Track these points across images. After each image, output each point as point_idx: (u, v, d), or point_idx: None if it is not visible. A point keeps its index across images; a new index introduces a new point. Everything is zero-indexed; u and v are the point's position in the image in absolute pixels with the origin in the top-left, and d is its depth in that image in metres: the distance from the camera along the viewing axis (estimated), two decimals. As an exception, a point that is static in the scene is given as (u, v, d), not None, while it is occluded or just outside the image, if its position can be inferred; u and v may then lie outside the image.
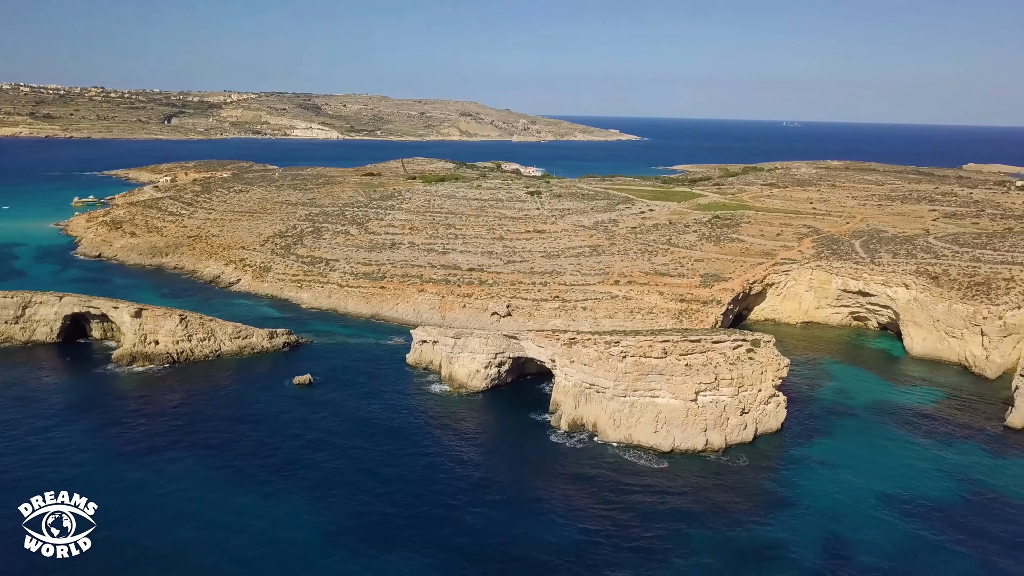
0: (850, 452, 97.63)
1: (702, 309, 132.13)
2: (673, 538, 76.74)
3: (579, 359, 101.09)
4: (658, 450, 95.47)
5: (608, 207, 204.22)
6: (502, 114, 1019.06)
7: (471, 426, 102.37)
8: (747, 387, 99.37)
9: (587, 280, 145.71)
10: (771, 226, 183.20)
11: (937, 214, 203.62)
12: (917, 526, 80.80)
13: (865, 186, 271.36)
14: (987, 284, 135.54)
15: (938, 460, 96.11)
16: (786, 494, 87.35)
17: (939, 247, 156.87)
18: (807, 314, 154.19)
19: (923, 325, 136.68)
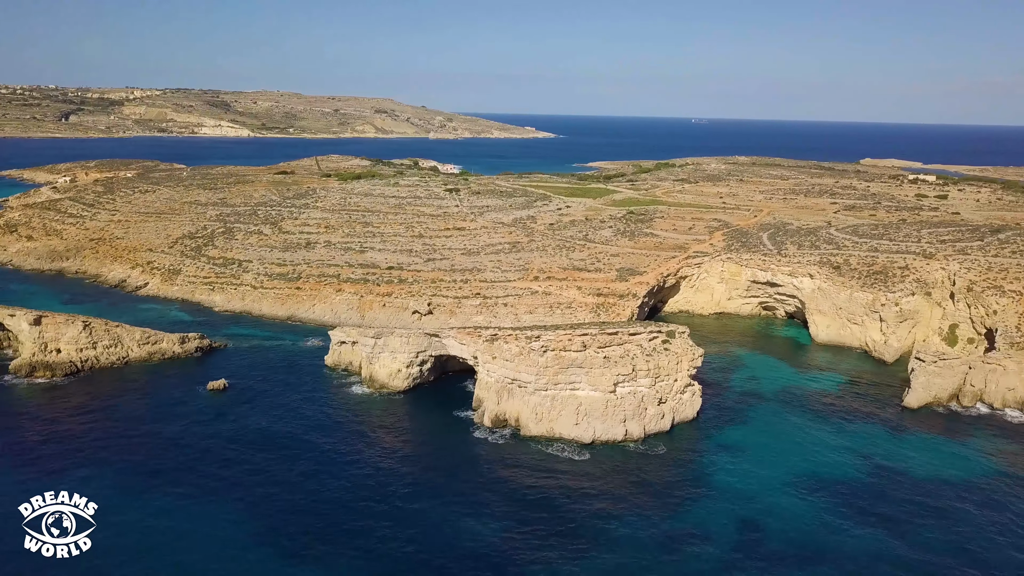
0: (762, 437, 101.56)
1: (619, 303, 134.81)
2: (595, 527, 78.23)
3: (501, 355, 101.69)
4: (579, 442, 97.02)
5: (526, 204, 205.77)
6: (418, 111, 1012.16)
7: (394, 426, 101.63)
8: (664, 377, 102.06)
9: (507, 276, 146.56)
10: (683, 221, 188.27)
11: (838, 207, 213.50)
12: (825, 505, 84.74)
13: (771, 180, 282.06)
14: (884, 273, 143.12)
15: (843, 441, 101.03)
16: (702, 480, 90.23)
17: (840, 238, 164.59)
18: (719, 305, 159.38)
19: (827, 313, 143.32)
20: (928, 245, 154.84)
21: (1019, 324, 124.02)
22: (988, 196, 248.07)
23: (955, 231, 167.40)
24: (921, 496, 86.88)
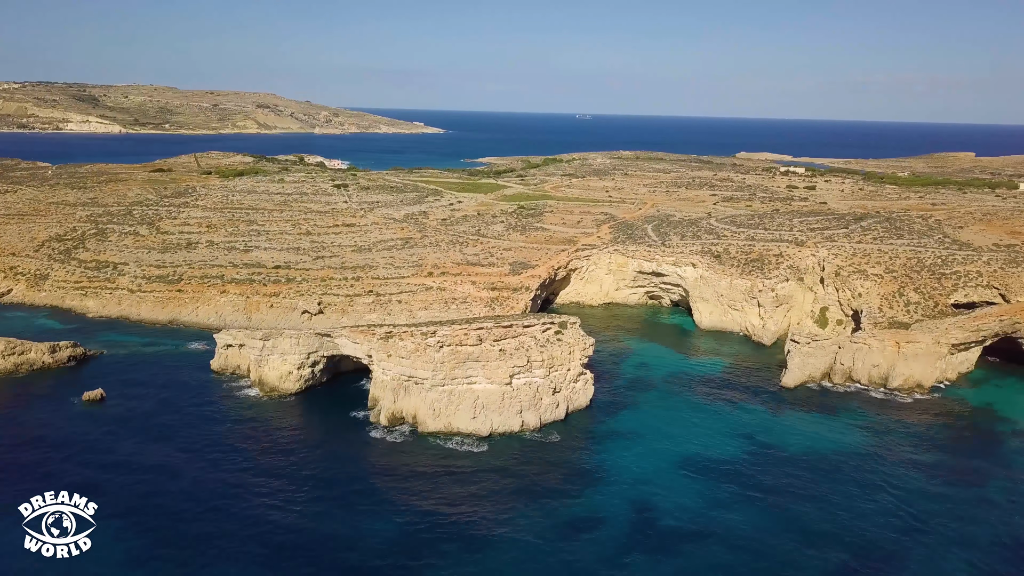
0: (652, 421, 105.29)
1: (512, 296, 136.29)
2: (496, 518, 79.03)
3: (396, 352, 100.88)
4: (478, 435, 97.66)
5: (417, 199, 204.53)
6: (303, 106, 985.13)
7: (287, 429, 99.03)
8: (557, 367, 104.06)
9: (401, 273, 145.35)
10: (572, 215, 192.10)
11: (717, 198, 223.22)
12: (713, 484, 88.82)
13: (654, 174, 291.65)
14: (761, 260, 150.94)
15: (727, 421, 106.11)
16: (597, 466, 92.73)
17: (720, 228, 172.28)
18: (608, 295, 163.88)
19: (709, 300, 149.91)
20: (799, 233, 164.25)
21: (881, 305, 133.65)
22: (851, 187, 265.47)
23: (823, 220, 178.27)
24: (799, 470, 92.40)
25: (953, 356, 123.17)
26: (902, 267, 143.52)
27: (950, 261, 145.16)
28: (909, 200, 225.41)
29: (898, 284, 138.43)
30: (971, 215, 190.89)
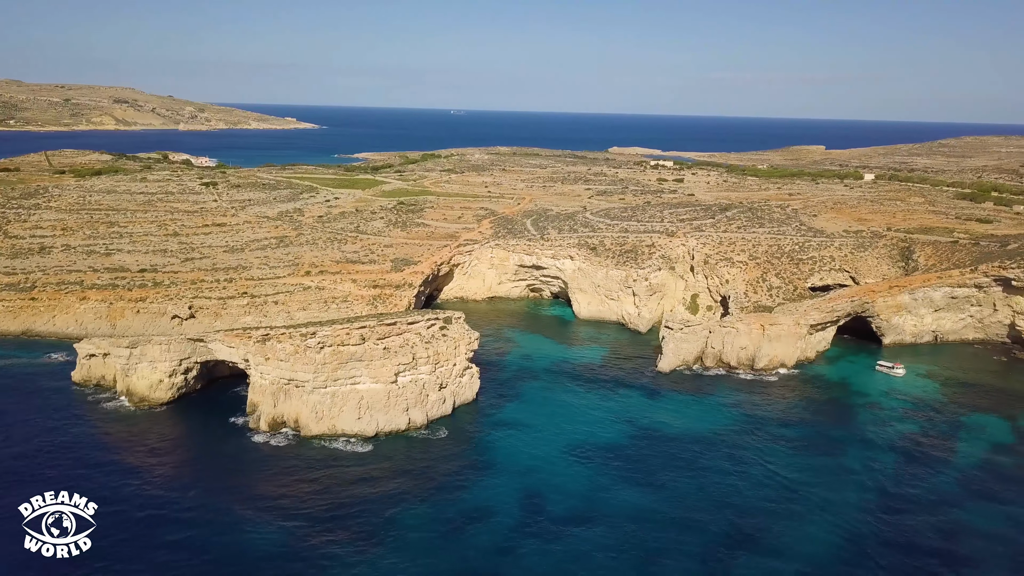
0: (537, 411, 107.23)
1: (395, 293, 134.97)
2: (385, 517, 78.29)
3: (275, 355, 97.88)
4: (363, 436, 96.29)
5: (292, 196, 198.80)
6: (165, 101, 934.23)
7: (161, 441, 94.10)
8: (443, 363, 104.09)
9: (276, 273, 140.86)
10: (453, 210, 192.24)
11: (591, 192, 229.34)
12: (597, 469, 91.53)
13: (531, 169, 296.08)
14: (634, 251, 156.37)
15: (609, 407, 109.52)
16: (485, 457, 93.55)
17: (595, 221, 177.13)
18: (491, 290, 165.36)
19: (587, 291, 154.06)
20: (670, 224, 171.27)
21: (747, 291, 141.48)
22: (716, 179, 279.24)
23: (691, 211, 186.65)
24: (678, 450, 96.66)
25: (812, 336, 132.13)
26: (764, 254, 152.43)
27: (806, 247, 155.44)
28: (769, 191, 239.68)
29: (761, 270, 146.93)
30: (823, 204, 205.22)
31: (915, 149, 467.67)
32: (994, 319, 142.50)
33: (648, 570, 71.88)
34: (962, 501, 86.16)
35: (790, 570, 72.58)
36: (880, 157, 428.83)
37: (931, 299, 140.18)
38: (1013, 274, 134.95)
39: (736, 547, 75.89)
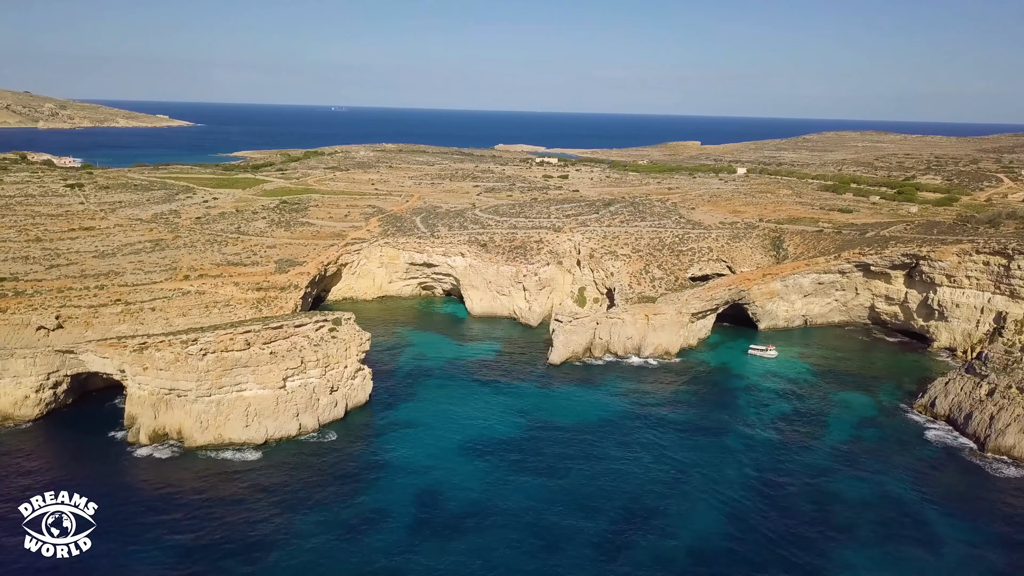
0: (432, 409, 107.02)
1: (281, 295, 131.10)
2: (278, 527, 76.19)
3: (154, 365, 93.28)
4: (252, 443, 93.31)
5: (167, 197, 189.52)
6: (21, 97, 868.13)
7: (33, 459, 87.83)
8: (334, 366, 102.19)
9: (152, 278, 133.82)
10: (339, 208, 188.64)
11: (480, 189, 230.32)
12: (494, 462, 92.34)
13: (419, 166, 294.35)
14: (524, 247, 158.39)
15: (503, 402, 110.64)
16: (380, 459, 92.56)
17: (484, 218, 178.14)
18: (381, 289, 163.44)
19: (479, 287, 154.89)
20: (557, 220, 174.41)
21: (631, 283, 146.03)
22: (599, 175, 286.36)
23: (577, 206, 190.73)
24: (570, 439, 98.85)
25: (693, 324, 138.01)
26: (647, 247, 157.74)
27: (686, 239, 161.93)
28: (649, 186, 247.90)
29: (644, 262, 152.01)
30: (700, 197, 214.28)
31: (782, 144, 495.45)
32: (856, 302, 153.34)
33: (548, 557, 73.25)
34: (833, 473, 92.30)
35: (682, 546, 75.77)
36: (751, 152, 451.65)
37: (800, 285, 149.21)
38: (871, 260, 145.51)
39: (631, 529, 78.48)
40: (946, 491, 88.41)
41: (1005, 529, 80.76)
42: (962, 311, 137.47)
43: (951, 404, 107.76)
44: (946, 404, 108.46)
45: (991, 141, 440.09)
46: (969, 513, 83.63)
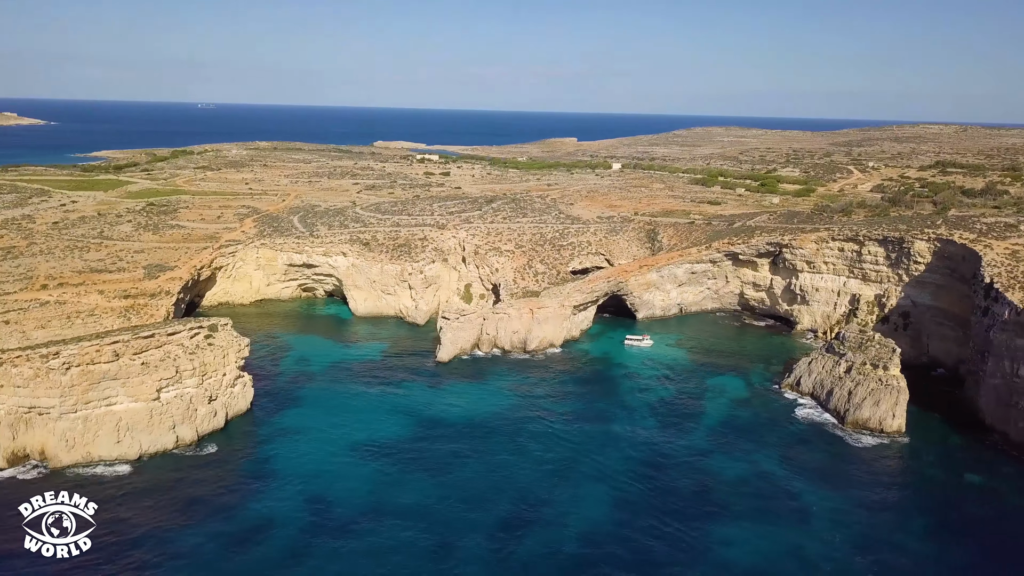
0: (317, 414, 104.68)
1: (151, 302, 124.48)
2: (158, 546, 72.59)
3: (10, 381, 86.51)
4: (125, 459, 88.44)
5: (18, 201, 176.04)
6: None
7: None
8: (211, 374, 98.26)
9: (5, 289, 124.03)
10: (211, 209, 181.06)
11: (360, 187, 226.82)
12: (383, 464, 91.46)
13: (295, 165, 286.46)
14: (408, 245, 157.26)
15: (391, 402, 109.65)
16: (263, 469, 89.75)
17: (366, 216, 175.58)
18: (259, 292, 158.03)
19: (363, 287, 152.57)
20: (440, 217, 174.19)
21: (515, 278, 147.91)
22: (480, 172, 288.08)
23: (460, 203, 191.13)
24: (460, 436, 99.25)
25: (576, 316, 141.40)
26: (529, 242, 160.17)
27: (566, 234, 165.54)
28: (529, 182, 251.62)
29: (527, 257, 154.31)
30: (579, 193, 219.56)
31: (654, 140, 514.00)
32: (727, 290, 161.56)
33: (442, 554, 73.37)
34: (711, 452, 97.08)
35: (572, 532, 77.73)
36: (625, 147, 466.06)
37: (675, 275, 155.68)
38: (739, 249, 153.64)
39: (523, 520, 79.76)
40: (812, 463, 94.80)
41: (865, 493, 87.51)
42: (821, 295, 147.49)
43: (814, 382, 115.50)
44: (810, 382, 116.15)
45: (842, 135, 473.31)
46: (833, 482, 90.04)
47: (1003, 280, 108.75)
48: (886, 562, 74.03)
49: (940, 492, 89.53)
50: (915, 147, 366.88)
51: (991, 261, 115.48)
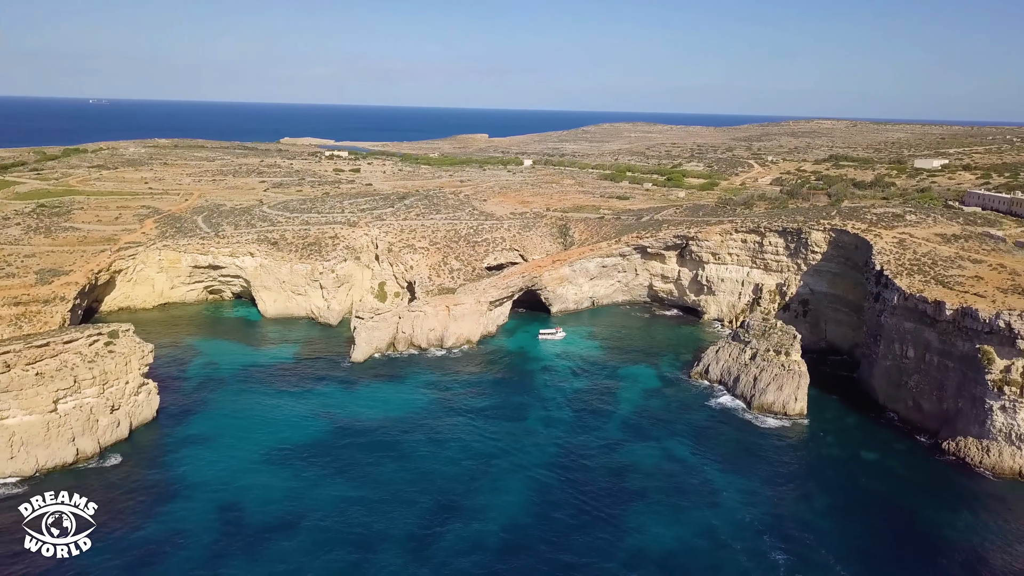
0: (227, 420, 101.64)
1: (44, 310, 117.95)
2: (53, 571, 68.83)
3: None
4: (20, 475, 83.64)
5: None
6: None
7: None
8: (113, 382, 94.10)
9: None
10: (108, 210, 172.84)
11: (267, 185, 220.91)
12: (299, 469, 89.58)
13: (197, 163, 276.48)
14: (318, 243, 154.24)
15: (305, 406, 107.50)
16: (172, 479, 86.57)
17: (273, 215, 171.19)
18: (163, 296, 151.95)
19: (272, 288, 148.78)
20: (351, 215, 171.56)
21: (431, 275, 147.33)
22: (392, 168, 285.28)
23: (371, 200, 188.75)
24: (377, 437, 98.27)
25: (492, 312, 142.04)
26: (443, 239, 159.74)
27: (480, 230, 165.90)
28: (442, 178, 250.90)
29: (442, 254, 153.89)
30: (492, 189, 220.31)
31: (564, 136, 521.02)
32: (637, 282, 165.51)
33: (362, 558, 72.54)
34: (625, 442, 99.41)
35: (493, 529, 78.18)
36: (535, 144, 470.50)
37: (587, 269, 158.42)
38: (648, 242, 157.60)
39: (443, 519, 79.67)
40: (722, 448, 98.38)
41: (771, 474, 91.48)
42: (726, 285, 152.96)
43: (722, 369, 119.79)
44: (718, 370, 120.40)
45: (743, 131, 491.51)
46: (741, 465, 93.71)
47: (892, 267, 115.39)
48: (792, 538, 77.63)
49: (839, 470, 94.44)
50: (810, 141, 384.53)
51: (881, 249, 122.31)
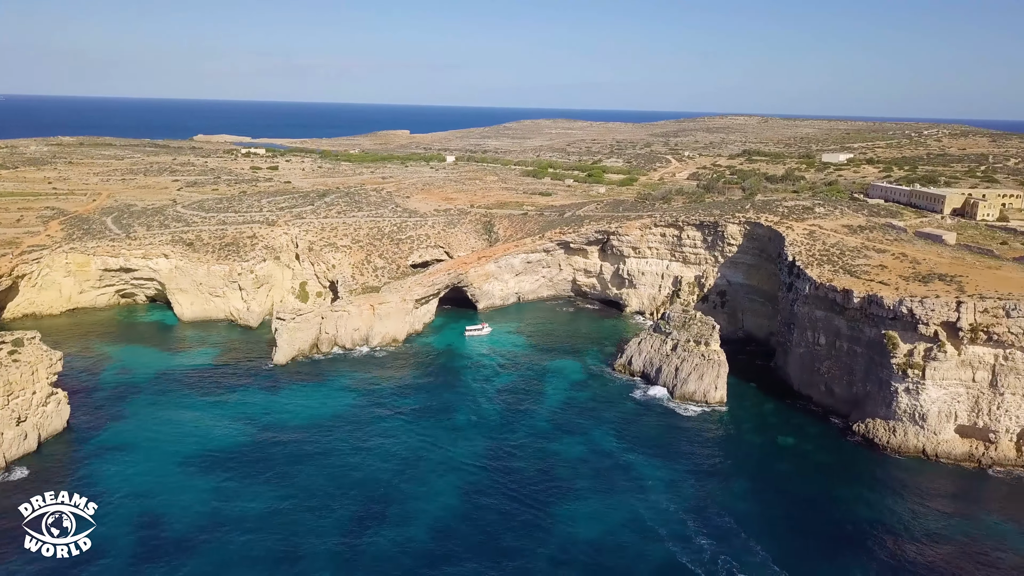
0: (143, 429, 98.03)
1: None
2: (-37, 587, 65.56)
3: None
4: (-83, 496, 78.74)
5: None
6: None
7: None
8: (18, 393, 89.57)
9: None
10: (8, 212, 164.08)
11: (180, 184, 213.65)
12: (220, 476, 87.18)
13: (105, 161, 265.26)
14: (236, 244, 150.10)
15: (225, 411, 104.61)
16: (85, 492, 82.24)
17: (188, 215, 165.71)
18: (71, 301, 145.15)
19: (189, 290, 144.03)
20: (270, 213, 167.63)
21: (354, 274, 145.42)
22: (311, 165, 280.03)
23: (290, 198, 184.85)
24: (301, 441, 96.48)
25: (418, 309, 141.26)
26: (366, 236, 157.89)
27: (404, 227, 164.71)
28: (363, 175, 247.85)
29: (365, 252, 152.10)
30: (415, 186, 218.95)
31: (486, 132, 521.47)
32: (561, 277, 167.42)
33: (288, 564, 71.23)
34: (552, 435, 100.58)
35: (423, 528, 78.00)
36: (458, 140, 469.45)
37: (512, 265, 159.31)
38: (570, 238, 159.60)
39: (371, 521, 78.98)
40: (646, 437, 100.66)
41: (693, 461, 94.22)
42: (647, 278, 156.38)
43: (645, 360, 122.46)
44: (641, 361, 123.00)
45: (660, 127, 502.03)
46: (665, 453, 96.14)
47: (803, 258, 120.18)
48: (713, 523, 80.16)
49: (757, 455, 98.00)
50: (724, 137, 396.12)
51: (793, 241, 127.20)
